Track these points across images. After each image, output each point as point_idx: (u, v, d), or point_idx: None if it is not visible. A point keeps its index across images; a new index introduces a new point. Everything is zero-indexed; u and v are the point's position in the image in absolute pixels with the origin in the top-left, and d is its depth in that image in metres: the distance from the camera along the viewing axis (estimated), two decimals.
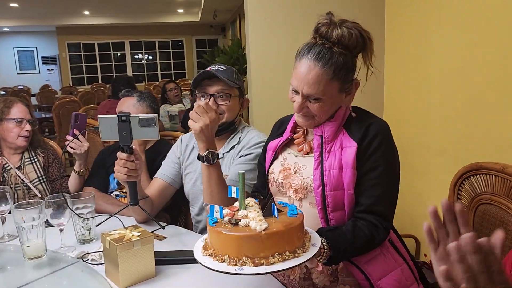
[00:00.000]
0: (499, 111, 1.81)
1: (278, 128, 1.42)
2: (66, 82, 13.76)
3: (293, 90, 1.22)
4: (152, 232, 1.39)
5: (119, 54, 14.53)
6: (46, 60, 15.47)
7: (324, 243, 1.09)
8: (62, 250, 1.42)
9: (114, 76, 5.82)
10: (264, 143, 1.60)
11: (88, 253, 1.38)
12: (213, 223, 0.98)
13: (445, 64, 2.14)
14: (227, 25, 13.05)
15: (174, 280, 1.22)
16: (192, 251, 1.02)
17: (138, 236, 1.19)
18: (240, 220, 0.96)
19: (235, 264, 0.92)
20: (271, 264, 0.91)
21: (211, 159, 1.42)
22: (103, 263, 1.28)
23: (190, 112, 1.42)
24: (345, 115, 1.25)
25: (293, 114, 1.38)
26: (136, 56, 14.72)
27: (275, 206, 0.99)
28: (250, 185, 1.54)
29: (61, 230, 1.45)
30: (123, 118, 1.39)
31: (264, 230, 0.91)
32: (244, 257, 0.92)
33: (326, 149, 1.21)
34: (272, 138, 1.40)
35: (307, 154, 1.28)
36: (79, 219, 1.48)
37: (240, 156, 1.63)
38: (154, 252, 1.24)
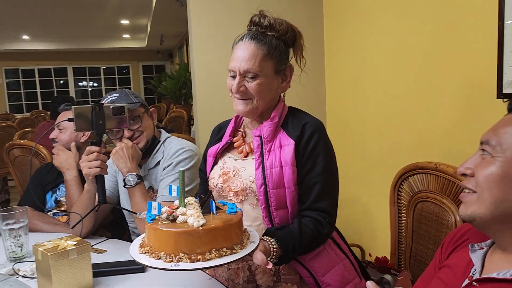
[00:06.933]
0: (428, 117, 1.93)
1: (217, 134, 1.40)
2: (2, 109, 12.97)
3: (231, 76, 1.24)
4: (92, 246, 1.32)
5: (61, 81, 13.96)
6: None
7: (273, 243, 1.09)
8: None
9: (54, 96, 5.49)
10: (184, 149, 1.62)
11: (19, 269, 1.28)
12: (150, 220, 0.96)
13: (379, 76, 2.26)
14: (174, 51, 13.00)
15: None
16: (132, 261, 0.98)
17: (73, 245, 1.12)
18: (178, 216, 0.94)
19: (171, 261, 0.90)
20: (208, 260, 0.89)
21: (131, 181, 1.52)
22: (35, 278, 1.19)
23: None
24: (282, 114, 1.27)
25: (231, 119, 1.38)
26: (80, 83, 14.18)
27: (213, 203, 0.98)
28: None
29: None
30: (98, 107, 1.44)
31: (201, 226, 0.90)
32: (180, 253, 0.90)
33: (266, 149, 1.21)
34: (211, 144, 1.39)
35: (246, 157, 1.28)
36: (10, 235, 1.38)
37: (164, 169, 1.64)
38: (92, 264, 1.17)
